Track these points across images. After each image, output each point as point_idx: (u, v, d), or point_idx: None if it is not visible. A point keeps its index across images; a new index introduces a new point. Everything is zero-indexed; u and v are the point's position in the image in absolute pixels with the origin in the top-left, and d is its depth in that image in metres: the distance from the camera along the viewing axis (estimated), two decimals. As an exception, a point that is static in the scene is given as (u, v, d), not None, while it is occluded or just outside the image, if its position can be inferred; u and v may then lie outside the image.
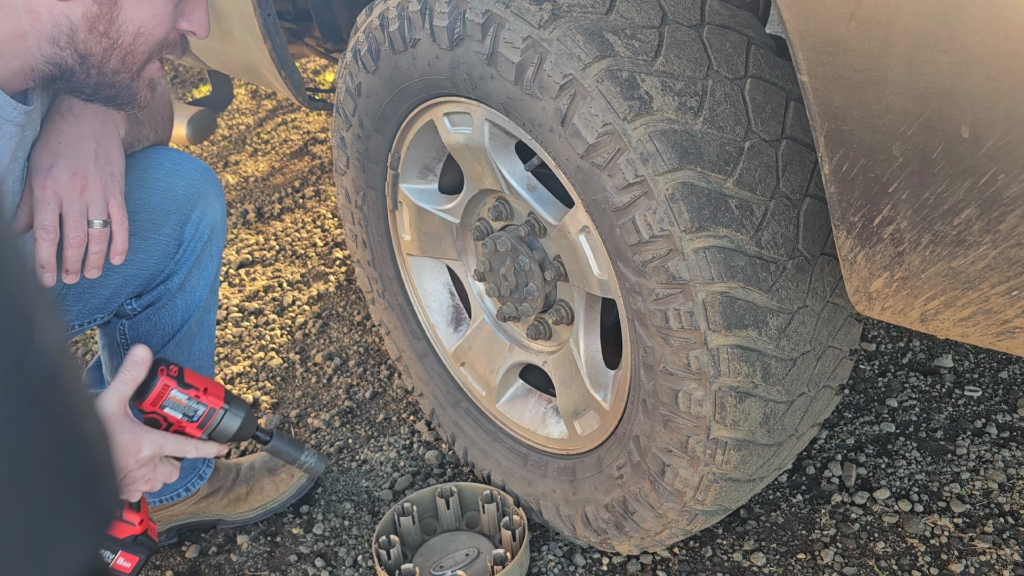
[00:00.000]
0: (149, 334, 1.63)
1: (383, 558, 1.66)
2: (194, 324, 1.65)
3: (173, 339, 1.64)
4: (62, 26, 1.16)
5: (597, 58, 1.20)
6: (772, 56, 1.27)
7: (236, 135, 3.93)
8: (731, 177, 1.19)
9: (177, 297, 1.61)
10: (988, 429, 1.92)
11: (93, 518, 0.46)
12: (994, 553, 1.64)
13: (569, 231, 1.40)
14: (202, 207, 1.56)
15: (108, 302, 1.58)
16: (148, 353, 1.25)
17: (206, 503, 1.85)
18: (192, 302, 1.62)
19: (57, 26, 1.16)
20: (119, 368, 1.24)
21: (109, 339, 1.68)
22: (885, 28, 0.88)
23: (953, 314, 1.04)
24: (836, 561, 1.66)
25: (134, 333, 1.64)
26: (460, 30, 1.35)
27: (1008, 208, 0.89)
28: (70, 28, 1.16)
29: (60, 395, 0.44)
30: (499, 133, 1.46)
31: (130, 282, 1.57)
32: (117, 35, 1.20)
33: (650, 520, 1.48)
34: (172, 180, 1.54)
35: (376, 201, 1.81)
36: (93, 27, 1.17)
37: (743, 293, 1.21)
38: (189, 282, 1.60)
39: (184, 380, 1.27)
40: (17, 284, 0.42)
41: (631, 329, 1.35)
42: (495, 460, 1.82)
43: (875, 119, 0.94)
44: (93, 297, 1.55)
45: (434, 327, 1.90)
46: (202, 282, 1.62)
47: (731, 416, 1.28)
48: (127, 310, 1.61)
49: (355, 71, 1.63)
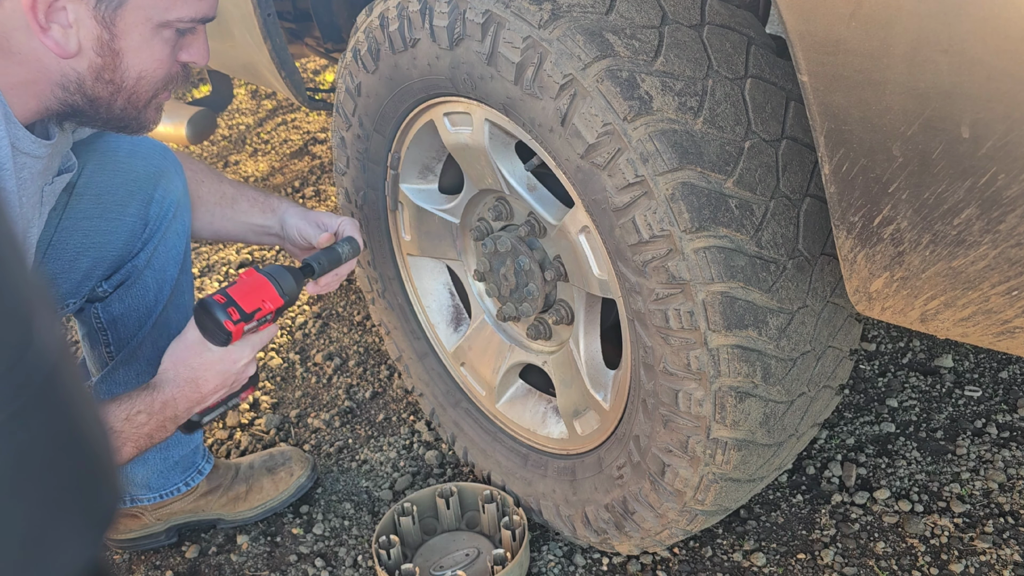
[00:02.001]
0: (125, 316, 1.66)
1: (383, 558, 1.66)
2: (169, 306, 1.68)
3: (149, 320, 1.67)
4: (70, 76, 1.25)
5: (597, 58, 1.20)
6: (772, 56, 1.27)
7: (236, 135, 3.93)
8: (731, 177, 1.19)
9: (146, 274, 1.64)
10: (988, 429, 1.92)
11: (93, 517, 0.46)
12: (994, 553, 1.64)
13: (569, 231, 1.40)
14: (164, 185, 1.61)
15: (80, 286, 1.61)
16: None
17: (205, 501, 1.85)
18: (163, 280, 1.66)
19: (65, 76, 1.25)
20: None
21: (87, 327, 1.71)
22: (885, 28, 0.88)
23: (953, 314, 1.04)
24: (836, 561, 1.66)
25: (108, 316, 1.67)
26: (460, 30, 1.35)
27: (1008, 208, 0.89)
28: (77, 78, 1.25)
29: (60, 395, 0.44)
30: (499, 133, 1.46)
31: (100, 264, 1.60)
32: (121, 80, 1.28)
33: (650, 520, 1.48)
34: (132, 161, 1.59)
35: (376, 201, 1.81)
36: (99, 76, 1.26)
37: (743, 293, 1.21)
38: (157, 259, 1.64)
39: (247, 313, 1.37)
40: (17, 284, 0.42)
41: (631, 329, 1.35)
42: (495, 460, 1.82)
43: (875, 119, 0.94)
44: (65, 282, 1.59)
45: (434, 327, 1.90)
46: (170, 260, 1.66)
47: (731, 416, 1.28)
48: (99, 293, 1.65)
49: (355, 71, 1.63)
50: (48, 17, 1.19)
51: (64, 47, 1.21)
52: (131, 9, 1.23)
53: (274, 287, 1.40)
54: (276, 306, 1.40)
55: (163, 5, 1.25)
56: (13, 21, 1.18)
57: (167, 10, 1.26)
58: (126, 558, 1.85)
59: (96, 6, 1.20)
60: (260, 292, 1.39)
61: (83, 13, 1.20)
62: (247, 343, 1.41)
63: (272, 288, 1.40)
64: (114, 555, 1.86)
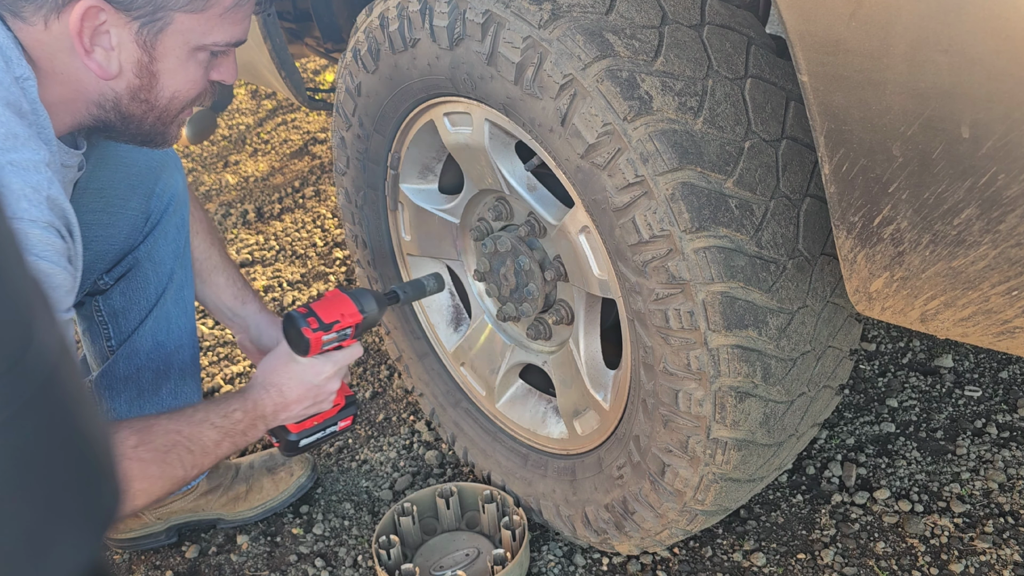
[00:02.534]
0: (126, 309, 1.70)
1: (383, 558, 1.66)
2: (170, 300, 1.70)
3: (151, 315, 1.69)
4: (107, 95, 1.29)
5: (597, 58, 1.20)
6: (772, 56, 1.27)
7: (236, 135, 3.93)
8: (731, 177, 1.19)
9: (146, 266, 1.67)
10: (988, 429, 1.92)
11: (93, 518, 0.46)
12: (994, 553, 1.64)
13: (569, 231, 1.40)
14: (165, 179, 1.66)
15: (82, 280, 1.63)
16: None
17: (205, 500, 1.85)
18: (162, 273, 1.69)
19: (103, 95, 1.29)
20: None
21: (88, 321, 1.73)
22: (885, 28, 0.88)
23: (953, 314, 1.04)
24: (836, 561, 1.66)
25: (109, 309, 1.70)
26: (460, 30, 1.35)
27: (1008, 208, 0.89)
28: (115, 97, 1.30)
29: (60, 395, 0.44)
30: (499, 133, 1.46)
31: (102, 257, 1.63)
32: (156, 100, 1.33)
33: (650, 520, 1.48)
34: (133, 155, 1.62)
35: (376, 201, 1.81)
36: (135, 96, 1.31)
37: (743, 293, 1.21)
38: (156, 252, 1.67)
39: (325, 323, 1.44)
40: (17, 284, 0.42)
41: (631, 329, 1.35)
42: (495, 460, 1.82)
43: (875, 119, 0.94)
44: None
45: (434, 327, 1.90)
46: (168, 253, 1.69)
47: (731, 416, 1.28)
48: (100, 285, 1.68)
49: (355, 71, 1.63)
50: (93, 40, 1.23)
51: (106, 69, 1.26)
52: (171, 34, 1.27)
53: (354, 303, 1.47)
54: (355, 321, 1.47)
55: (202, 30, 1.29)
56: (59, 43, 1.22)
57: (205, 35, 1.30)
58: (126, 558, 1.85)
59: (139, 31, 1.25)
60: (340, 306, 1.46)
61: (126, 37, 1.25)
62: (329, 358, 1.49)
63: (352, 304, 1.47)
64: (114, 555, 1.86)
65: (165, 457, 1.33)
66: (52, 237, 1.14)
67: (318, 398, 1.50)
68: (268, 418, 1.48)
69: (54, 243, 1.14)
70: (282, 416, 1.49)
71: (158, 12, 1.24)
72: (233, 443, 1.44)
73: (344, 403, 1.59)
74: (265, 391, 1.47)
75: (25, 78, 1.19)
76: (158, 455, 1.32)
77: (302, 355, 1.46)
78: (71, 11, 1.19)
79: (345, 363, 1.51)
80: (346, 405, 1.59)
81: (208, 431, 1.39)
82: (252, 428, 1.46)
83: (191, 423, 1.38)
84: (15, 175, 1.11)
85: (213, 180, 3.55)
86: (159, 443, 1.33)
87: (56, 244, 1.15)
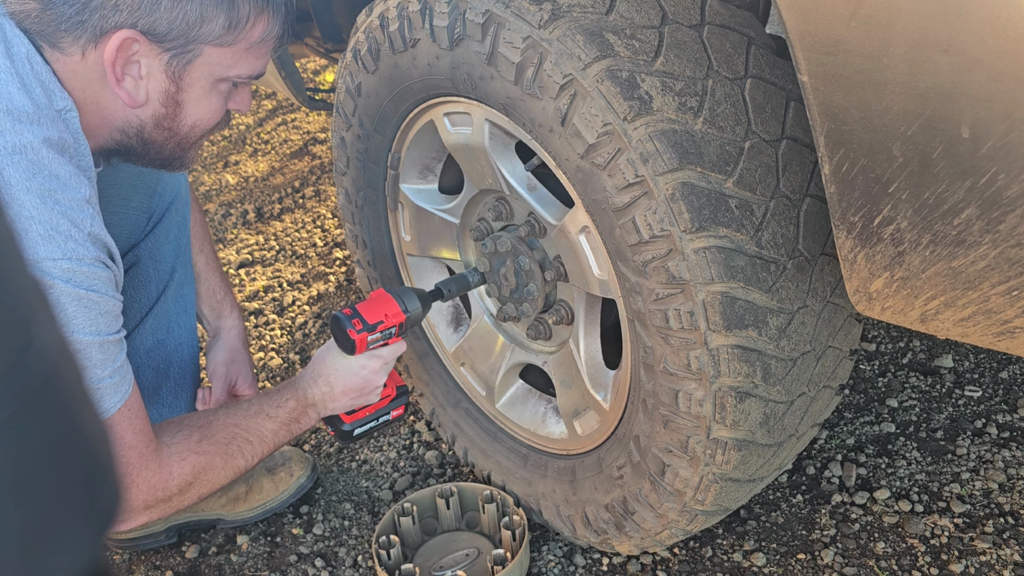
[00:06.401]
0: (126, 308, 1.71)
1: (383, 558, 1.66)
2: (170, 299, 1.72)
3: (151, 313, 1.71)
4: (132, 122, 1.34)
5: (597, 58, 1.20)
6: (772, 56, 1.27)
7: (236, 135, 3.93)
8: (731, 177, 1.19)
9: (147, 264, 1.69)
10: (988, 429, 1.92)
11: (94, 518, 0.46)
12: (994, 553, 1.64)
13: (569, 231, 1.40)
14: (167, 178, 1.69)
15: None
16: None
17: (205, 501, 1.85)
18: (162, 271, 1.71)
19: (128, 122, 1.34)
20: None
21: None
22: (885, 28, 0.88)
23: (953, 314, 1.04)
24: (836, 561, 1.66)
25: None
26: (460, 30, 1.35)
27: (1008, 208, 0.89)
28: (139, 124, 1.35)
29: (60, 395, 0.44)
30: (499, 133, 1.46)
31: None
32: (178, 127, 1.38)
33: (650, 520, 1.48)
34: None
35: (376, 201, 1.81)
36: (159, 124, 1.36)
37: (743, 293, 1.21)
38: (158, 250, 1.70)
39: (369, 324, 1.49)
40: (17, 284, 0.42)
41: (631, 329, 1.35)
42: (495, 460, 1.82)
43: (875, 119, 0.94)
44: None
45: (434, 327, 1.90)
46: (169, 251, 1.71)
47: (731, 416, 1.28)
48: None
49: (355, 71, 1.63)
50: (124, 70, 1.27)
51: (134, 97, 1.30)
52: (199, 65, 1.31)
53: (397, 303, 1.52)
54: (398, 321, 1.52)
55: (228, 63, 1.34)
56: (93, 72, 1.26)
57: (230, 67, 1.34)
58: (126, 558, 1.85)
59: (169, 61, 1.29)
60: (384, 307, 1.51)
61: (155, 67, 1.29)
62: (374, 355, 1.55)
63: (395, 304, 1.52)
64: (114, 555, 1.86)
65: (227, 449, 1.44)
66: (99, 270, 1.22)
67: (364, 391, 1.57)
68: (318, 407, 1.55)
69: (101, 275, 1.22)
70: (331, 406, 1.56)
71: (189, 44, 1.28)
72: (289, 431, 1.52)
73: (395, 394, 1.65)
74: (314, 381, 1.54)
75: (68, 109, 1.24)
76: (220, 447, 1.43)
77: (349, 354, 1.53)
78: (107, 41, 1.23)
79: (391, 358, 1.57)
80: (397, 396, 1.65)
81: (264, 422, 1.49)
82: (304, 416, 1.54)
83: (247, 415, 1.48)
84: (62, 216, 1.18)
85: (213, 180, 3.55)
86: (220, 436, 1.43)
87: (103, 275, 1.23)
